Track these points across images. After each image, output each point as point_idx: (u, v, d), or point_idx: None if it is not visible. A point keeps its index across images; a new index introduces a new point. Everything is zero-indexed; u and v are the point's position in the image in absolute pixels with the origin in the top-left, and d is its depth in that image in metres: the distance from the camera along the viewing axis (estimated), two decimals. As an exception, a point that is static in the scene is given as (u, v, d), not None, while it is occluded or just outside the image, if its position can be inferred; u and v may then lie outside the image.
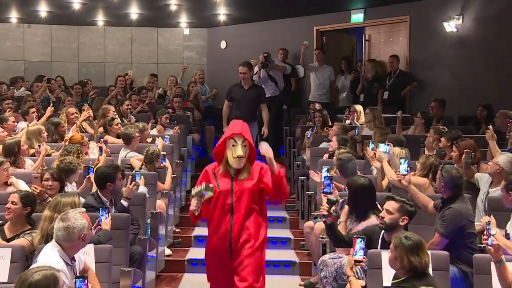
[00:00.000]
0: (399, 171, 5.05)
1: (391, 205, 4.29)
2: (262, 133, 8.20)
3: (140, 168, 6.45)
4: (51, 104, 8.27)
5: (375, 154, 5.88)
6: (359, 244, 3.95)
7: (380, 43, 10.99)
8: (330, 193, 4.99)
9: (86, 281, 3.45)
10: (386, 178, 5.82)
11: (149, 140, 7.56)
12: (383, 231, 4.35)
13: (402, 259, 3.59)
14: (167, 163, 6.73)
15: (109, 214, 4.61)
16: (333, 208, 4.28)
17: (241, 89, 8.34)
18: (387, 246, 4.22)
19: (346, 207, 4.95)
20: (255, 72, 9.76)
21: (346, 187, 5.05)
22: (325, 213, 4.27)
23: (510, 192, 4.77)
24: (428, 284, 3.42)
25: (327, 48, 11.40)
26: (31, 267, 3.39)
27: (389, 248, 3.73)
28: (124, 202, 5.16)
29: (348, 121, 8.65)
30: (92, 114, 7.93)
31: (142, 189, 5.87)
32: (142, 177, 5.95)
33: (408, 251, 3.58)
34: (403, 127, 8.39)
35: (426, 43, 9.99)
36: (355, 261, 3.95)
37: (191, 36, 13.21)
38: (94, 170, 5.54)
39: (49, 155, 6.61)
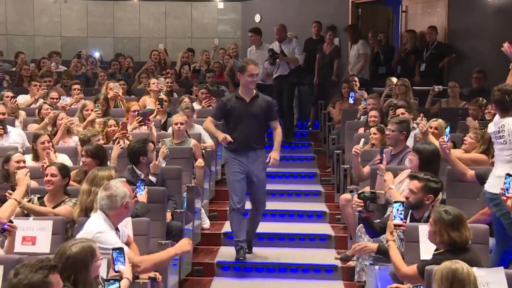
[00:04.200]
0: (443, 138, 4.90)
1: (414, 184, 4.21)
2: (268, 160, 5.75)
3: None
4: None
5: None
6: (398, 208, 3.92)
7: (417, 14, 10.75)
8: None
9: (123, 253, 3.52)
10: None
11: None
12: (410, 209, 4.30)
13: (441, 234, 3.54)
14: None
15: (145, 186, 4.69)
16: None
17: (241, 101, 5.75)
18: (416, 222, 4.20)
19: (389, 173, 4.97)
20: (266, 59, 8.93)
21: (414, 154, 4.89)
22: (360, 208, 4.24)
23: None
24: (468, 258, 3.38)
25: (363, 20, 11.20)
26: (77, 236, 3.49)
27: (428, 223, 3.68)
28: (152, 178, 5.27)
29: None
30: (119, 92, 8.01)
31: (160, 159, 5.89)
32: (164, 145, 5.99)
33: (448, 226, 3.52)
34: (436, 100, 8.31)
35: (465, 13, 9.73)
36: (395, 225, 3.92)
37: (225, 10, 13.15)
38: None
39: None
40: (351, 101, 8.13)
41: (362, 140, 5.68)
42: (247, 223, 5.87)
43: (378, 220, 4.51)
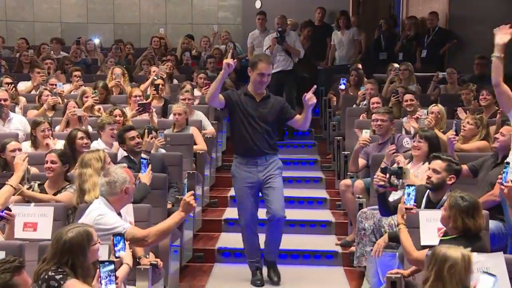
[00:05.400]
0: (453, 133, 4.94)
1: (438, 164, 4.23)
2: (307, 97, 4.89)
3: None
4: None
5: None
6: (410, 192, 3.94)
7: (418, 0, 10.71)
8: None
9: (123, 239, 3.54)
10: None
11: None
12: (428, 190, 4.30)
13: (456, 219, 3.53)
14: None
15: (149, 165, 4.75)
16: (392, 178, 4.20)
17: (251, 100, 5.06)
18: (432, 206, 4.19)
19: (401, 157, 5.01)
20: (268, 46, 8.75)
21: (421, 141, 4.96)
22: (382, 183, 4.18)
23: None
24: (479, 246, 3.38)
25: (364, 6, 11.15)
26: (79, 221, 3.50)
27: (442, 207, 3.67)
28: (144, 155, 5.24)
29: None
30: (120, 81, 8.04)
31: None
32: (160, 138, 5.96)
33: (463, 212, 3.52)
34: (435, 86, 8.31)
35: (467, -2, 9.70)
36: (406, 208, 3.94)
37: (226, -4, 13.06)
38: None
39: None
40: (342, 86, 8.05)
41: (367, 131, 5.64)
42: (266, 243, 5.17)
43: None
